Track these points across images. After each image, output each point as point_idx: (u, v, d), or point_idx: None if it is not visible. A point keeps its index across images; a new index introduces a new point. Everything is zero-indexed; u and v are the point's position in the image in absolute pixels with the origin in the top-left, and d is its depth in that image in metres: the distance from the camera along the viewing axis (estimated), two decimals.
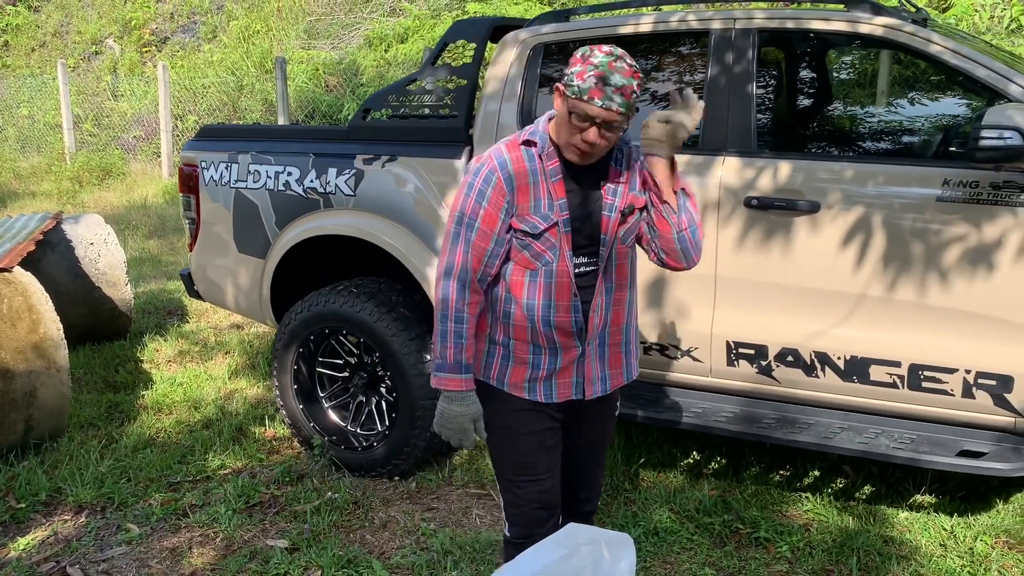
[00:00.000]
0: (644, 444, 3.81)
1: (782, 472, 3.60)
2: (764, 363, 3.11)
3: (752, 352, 3.12)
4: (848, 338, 2.99)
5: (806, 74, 3.74)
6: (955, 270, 2.84)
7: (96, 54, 15.55)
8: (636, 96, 2.03)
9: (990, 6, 7.59)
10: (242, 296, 4.06)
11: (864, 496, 3.41)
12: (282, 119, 10.48)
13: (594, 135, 2.03)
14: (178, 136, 11.99)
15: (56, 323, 3.86)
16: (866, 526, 3.18)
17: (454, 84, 3.60)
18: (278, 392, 3.81)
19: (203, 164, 4.03)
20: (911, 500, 3.37)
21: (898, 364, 2.93)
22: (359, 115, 3.76)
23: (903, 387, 2.94)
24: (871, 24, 2.99)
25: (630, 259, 2.27)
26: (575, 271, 2.17)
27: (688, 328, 3.21)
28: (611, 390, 2.31)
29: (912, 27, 2.94)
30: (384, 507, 3.45)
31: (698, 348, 3.21)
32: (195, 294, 4.32)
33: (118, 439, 4.08)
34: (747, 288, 3.10)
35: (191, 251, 4.20)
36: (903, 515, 3.26)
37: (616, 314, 2.25)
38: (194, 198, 4.09)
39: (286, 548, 3.15)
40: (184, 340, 5.55)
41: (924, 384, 2.91)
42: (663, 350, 3.27)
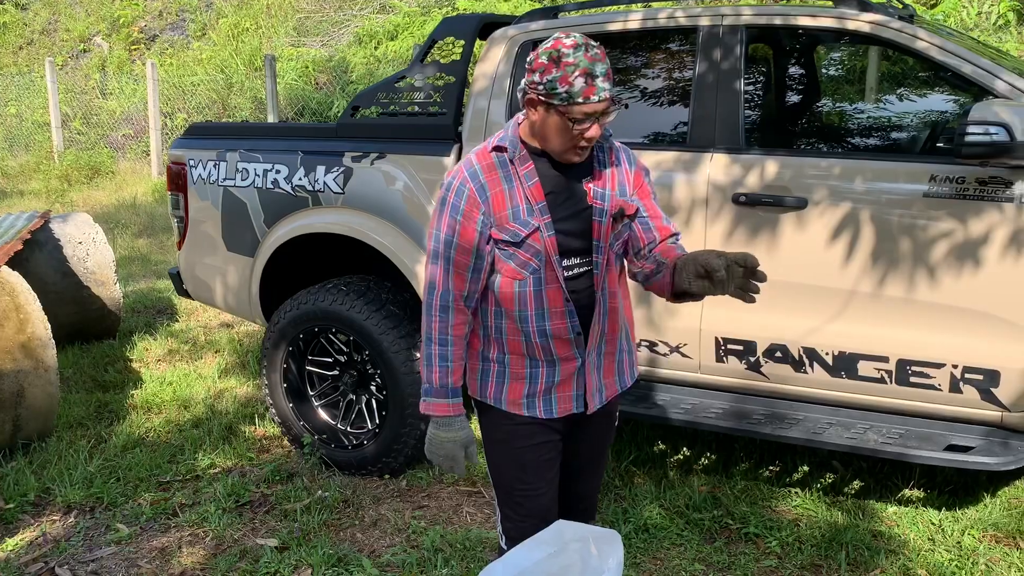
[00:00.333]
0: (634, 441, 3.81)
1: (771, 468, 3.62)
2: (753, 359, 3.12)
3: (741, 348, 3.13)
4: (836, 334, 3.00)
5: (794, 71, 3.75)
6: (942, 266, 2.85)
7: (84, 52, 15.47)
8: None
9: (977, 2, 7.63)
10: (231, 295, 4.05)
11: (853, 491, 3.42)
12: (272, 117, 10.45)
13: (596, 130, 1.99)
14: (167, 134, 11.94)
15: (44, 322, 3.85)
16: (855, 521, 3.19)
17: (443, 81, 3.59)
18: (268, 391, 3.80)
19: (191, 162, 4.02)
20: (899, 495, 3.38)
21: (886, 359, 2.94)
22: (348, 112, 3.75)
23: (891, 382, 2.95)
24: (858, 20, 3.00)
25: (619, 263, 2.22)
26: (565, 275, 2.10)
27: (677, 324, 3.21)
28: (607, 400, 2.25)
29: (899, 23, 2.95)
30: (374, 505, 3.45)
31: (687, 344, 3.21)
32: (184, 293, 4.30)
33: (107, 439, 4.07)
34: None
35: (179, 250, 4.19)
36: (891, 510, 3.28)
37: (612, 322, 2.18)
38: (182, 196, 4.07)
39: (276, 547, 3.15)
40: (173, 339, 5.54)
41: (912, 379, 2.92)
42: (652, 347, 3.28)
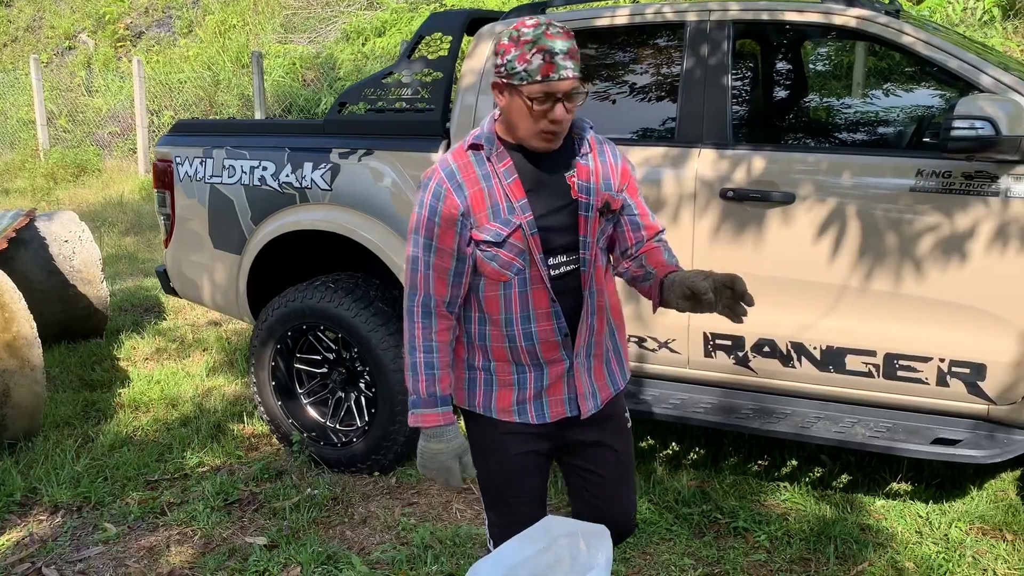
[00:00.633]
0: None
1: (760, 462, 3.63)
2: (741, 354, 3.13)
3: (729, 343, 3.13)
4: (824, 328, 3.01)
5: (781, 66, 3.76)
6: (929, 260, 2.86)
7: (70, 49, 15.37)
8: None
9: None
10: (219, 292, 4.03)
11: (841, 485, 3.44)
12: (259, 114, 10.42)
13: (561, 112, 1.92)
14: (154, 132, 11.88)
15: (29, 321, 3.82)
16: (843, 514, 3.21)
17: (431, 77, 3.58)
18: (256, 389, 3.79)
19: (177, 159, 4.00)
20: (887, 488, 3.40)
21: (873, 353, 2.95)
22: (335, 109, 3.74)
23: (878, 376, 2.97)
24: (844, 16, 3.00)
25: (605, 259, 2.17)
26: (551, 274, 2.03)
27: (665, 320, 3.22)
28: (602, 404, 2.17)
29: (885, 18, 2.96)
30: (364, 502, 3.45)
31: (676, 340, 3.22)
32: (171, 291, 4.28)
33: (94, 438, 4.05)
34: None
35: (166, 247, 4.17)
36: (879, 503, 3.29)
37: (599, 321, 2.12)
38: (169, 194, 4.05)
39: (265, 545, 3.14)
40: (161, 337, 5.51)
41: (899, 373, 2.94)
42: (641, 342, 3.28)
